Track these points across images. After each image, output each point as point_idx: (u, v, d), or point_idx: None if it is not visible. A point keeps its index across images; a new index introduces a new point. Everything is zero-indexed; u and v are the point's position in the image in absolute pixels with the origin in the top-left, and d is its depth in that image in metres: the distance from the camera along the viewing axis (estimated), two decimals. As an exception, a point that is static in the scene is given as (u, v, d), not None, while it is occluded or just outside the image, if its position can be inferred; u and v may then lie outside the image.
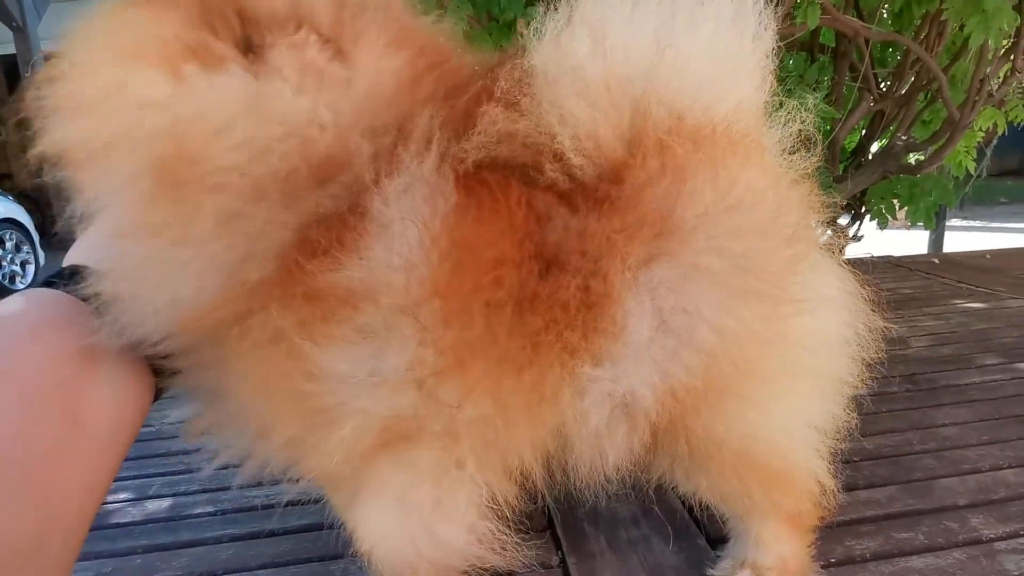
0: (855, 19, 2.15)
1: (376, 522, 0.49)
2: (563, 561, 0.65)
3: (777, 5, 2.02)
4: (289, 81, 0.40)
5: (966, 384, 1.03)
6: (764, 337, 0.48)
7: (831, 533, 0.66)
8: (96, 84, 0.39)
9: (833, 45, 2.42)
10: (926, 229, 3.04)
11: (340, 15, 0.43)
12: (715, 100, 0.47)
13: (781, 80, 2.03)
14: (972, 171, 2.84)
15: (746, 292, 0.47)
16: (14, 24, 4.65)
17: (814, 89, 2.38)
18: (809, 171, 0.53)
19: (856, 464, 0.80)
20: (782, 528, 0.56)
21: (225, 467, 0.88)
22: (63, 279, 0.45)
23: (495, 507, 0.51)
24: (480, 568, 0.52)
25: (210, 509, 0.76)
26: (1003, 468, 0.78)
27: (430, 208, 0.41)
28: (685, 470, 0.54)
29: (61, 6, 5.22)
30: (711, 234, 0.46)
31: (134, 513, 0.77)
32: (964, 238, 5.76)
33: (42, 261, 5.57)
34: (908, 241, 4.46)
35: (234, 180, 0.38)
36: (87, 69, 0.40)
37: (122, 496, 0.80)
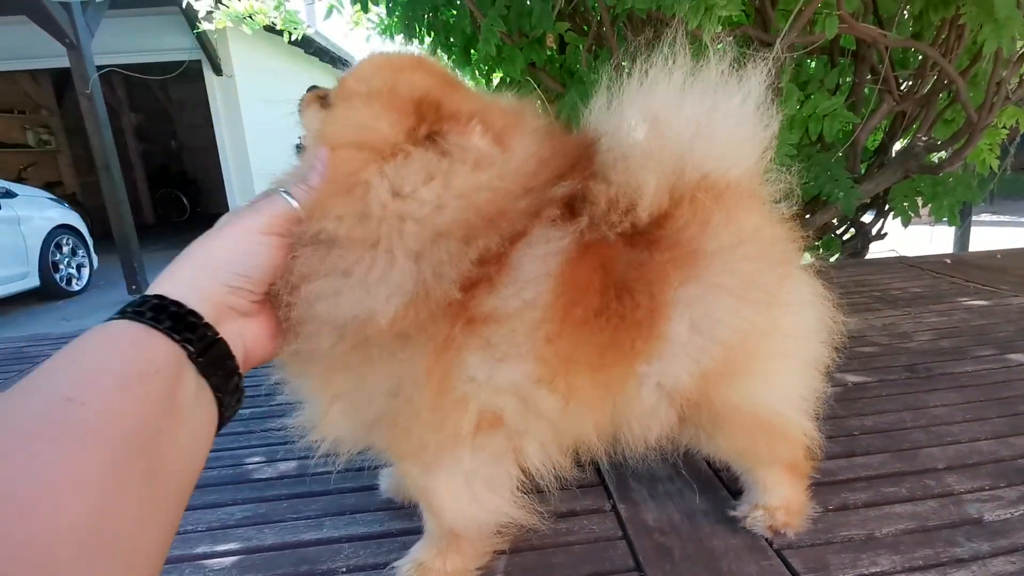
0: (873, 26, 2.26)
1: (446, 489, 0.65)
2: (614, 507, 0.82)
3: (798, 14, 2.13)
4: (467, 162, 0.56)
5: (960, 372, 1.18)
6: (764, 330, 0.67)
7: (830, 489, 0.83)
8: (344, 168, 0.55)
9: (853, 48, 2.52)
10: (951, 226, 3.11)
11: (504, 116, 0.60)
12: (731, 166, 0.66)
13: (802, 85, 2.16)
14: (996, 169, 2.90)
15: (751, 300, 0.65)
16: (68, 41, 4.94)
17: (834, 92, 2.49)
18: (789, 216, 0.72)
19: (856, 437, 0.96)
20: (784, 475, 0.74)
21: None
22: (150, 310, 0.44)
23: (554, 476, 0.69)
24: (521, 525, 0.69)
25: (329, 468, 0.96)
26: (980, 440, 0.93)
27: (557, 262, 0.58)
28: (708, 435, 0.72)
29: (112, 21, 5.53)
30: (725, 260, 0.64)
31: (269, 471, 0.97)
32: (993, 233, 5.72)
33: (95, 264, 5.87)
34: (934, 238, 4.47)
35: (415, 229, 0.53)
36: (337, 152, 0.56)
37: (256, 458, 1.01)
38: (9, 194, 5.00)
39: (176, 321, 0.45)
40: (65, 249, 5.51)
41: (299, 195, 0.55)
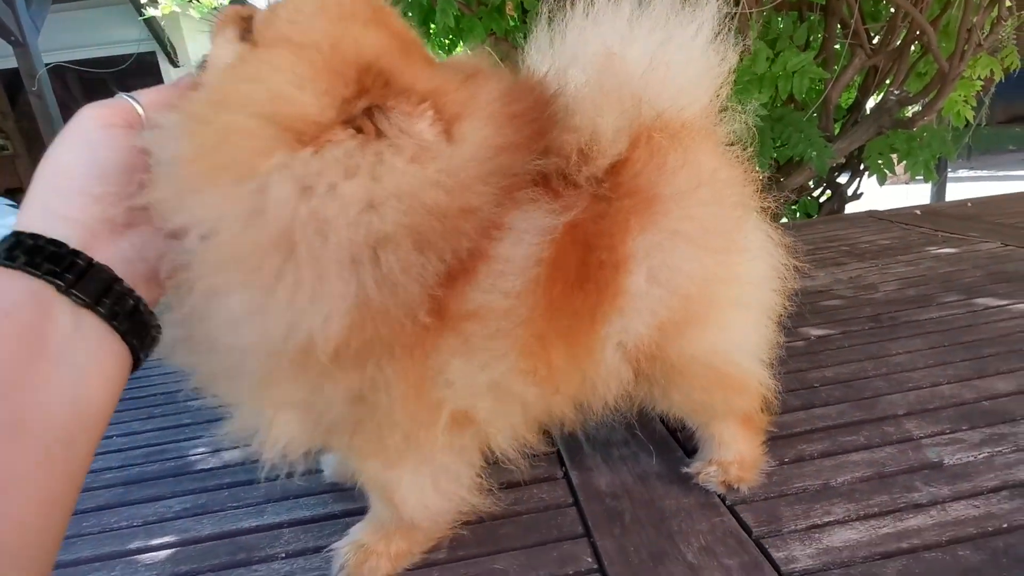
0: (840, -22, 2.20)
1: (410, 485, 0.61)
2: (566, 474, 0.79)
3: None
4: (404, 152, 0.45)
5: (925, 319, 1.16)
6: (722, 278, 0.63)
7: (787, 442, 0.80)
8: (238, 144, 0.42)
9: (823, 3, 2.47)
10: (927, 182, 3.10)
11: (459, 100, 0.49)
12: (687, 104, 0.61)
13: (771, 42, 2.10)
14: (971, 121, 2.88)
15: (709, 247, 0.61)
16: (13, 39, 4.72)
17: (804, 49, 2.44)
18: (745, 157, 0.67)
19: (815, 388, 0.93)
20: (739, 430, 0.71)
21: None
22: (4, 250, 0.39)
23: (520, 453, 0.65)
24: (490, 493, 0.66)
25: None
26: (941, 384, 0.91)
27: (546, 245, 0.52)
28: (662, 389, 0.68)
29: (59, 16, 5.32)
30: (683, 205, 0.60)
31: (213, 461, 0.93)
32: (971, 188, 5.72)
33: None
34: (910, 196, 4.47)
35: (345, 234, 0.42)
36: (227, 126, 0.43)
37: (200, 449, 0.96)
38: (-34, 202, 4.85)
39: (33, 255, 0.39)
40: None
41: (144, 97, 0.46)
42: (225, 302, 0.43)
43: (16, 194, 7.50)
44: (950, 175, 4.75)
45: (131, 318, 0.43)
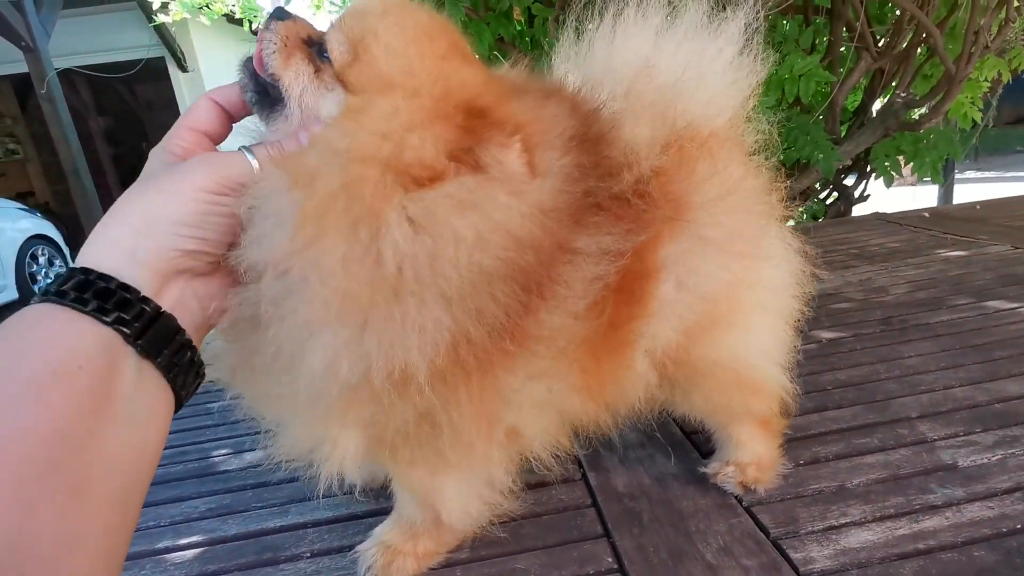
0: (846, -19, 2.21)
1: (455, 492, 0.63)
2: (584, 476, 0.81)
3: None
4: (505, 185, 0.46)
5: (936, 322, 1.16)
6: (746, 283, 0.65)
7: (802, 444, 0.81)
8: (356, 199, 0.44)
9: (828, 6, 2.48)
10: (934, 183, 3.09)
11: (541, 127, 0.50)
12: (716, 114, 0.63)
13: (777, 46, 2.11)
14: (979, 122, 2.87)
15: (735, 252, 0.63)
16: (23, 44, 4.76)
17: (811, 52, 2.45)
18: (769, 166, 0.69)
19: (828, 391, 0.94)
20: (756, 431, 0.72)
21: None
22: (74, 289, 0.39)
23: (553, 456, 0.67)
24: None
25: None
26: (954, 387, 0.92)
27: (612, 269, 0.54)
28: (684, 391, 0.70)
29: (69, 21, 5.37)
30: (711, 213, 0.62)
31: (236, 463, 0.94)
32: (978, 190, 5.68)
33: (76, 273, 5.82)
34: (917, 198, 4.45)
35: (452, 271, 0.44)
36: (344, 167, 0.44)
37: (223, 451, 0.98)
38: (-23, 207, 4.89)
39: (104, 299, 0.39)
40: (41, 260, 5.40)
41: (263, 156, 0.46)
42: (324, 336, 0.44)
43: (26, 198, 7.54)
44: (957, 176, 4.74)
45: (185, 370, 0.43)
